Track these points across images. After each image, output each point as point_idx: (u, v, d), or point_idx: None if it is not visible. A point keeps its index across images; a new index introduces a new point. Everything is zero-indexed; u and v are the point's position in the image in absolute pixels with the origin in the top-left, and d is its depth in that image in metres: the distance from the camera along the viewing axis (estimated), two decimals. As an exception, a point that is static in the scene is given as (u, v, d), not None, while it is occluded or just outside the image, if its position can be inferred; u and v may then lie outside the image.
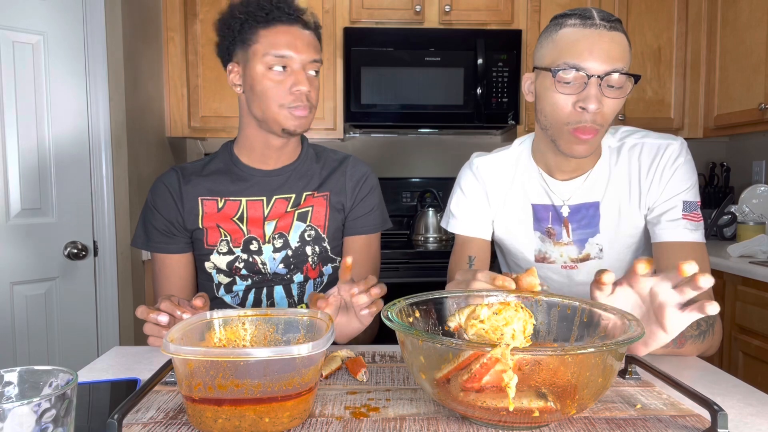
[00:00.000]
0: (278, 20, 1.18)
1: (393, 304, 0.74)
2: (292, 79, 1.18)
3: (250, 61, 1.18)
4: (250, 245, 1.24)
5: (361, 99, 2.55)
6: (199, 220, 1.24)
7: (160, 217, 1.25)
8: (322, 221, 1.27)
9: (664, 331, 0.77)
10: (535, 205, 1.20)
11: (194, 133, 2.63)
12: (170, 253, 1.26)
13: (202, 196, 1.26)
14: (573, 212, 1.17)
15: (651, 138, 1.15)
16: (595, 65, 1.00)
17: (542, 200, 1.19)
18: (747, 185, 2.73)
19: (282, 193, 1.27)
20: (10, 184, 1.91)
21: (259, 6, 1.18)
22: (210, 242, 1.24)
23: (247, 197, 1.26)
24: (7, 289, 1.93)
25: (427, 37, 2.56)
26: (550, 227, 1.19)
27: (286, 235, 1.25)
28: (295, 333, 0.80)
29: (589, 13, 1.03)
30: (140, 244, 1.28)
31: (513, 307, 0.67)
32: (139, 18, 2.33)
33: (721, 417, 0.63)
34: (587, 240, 1.18)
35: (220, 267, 1.24)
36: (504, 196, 1.23)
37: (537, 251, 1.21)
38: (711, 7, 2.65)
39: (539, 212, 1.20)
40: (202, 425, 0.65)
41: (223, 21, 1.23)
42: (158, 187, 1.28)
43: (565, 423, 0.69)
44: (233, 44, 1.21)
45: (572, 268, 1.20)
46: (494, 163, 1.25)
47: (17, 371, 0.53)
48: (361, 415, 0.70)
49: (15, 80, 1.90)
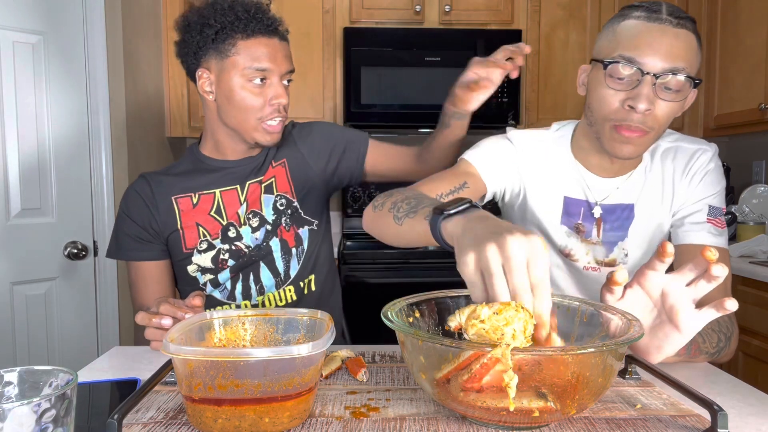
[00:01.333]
0: (258, 32, 1.17)
1: (393, 304, 0.74)
2: (272, 92, 1.18)
3: (227, 72, 1.17)
4: (228, 233, 1.24)
5: (361, 99, 2.55)
6: (177, 220, 1.23)
7: (132, 224, 1.24)
8: (287, 187, 1.28)
9: (678, 332, 0.74)
10: (567, 197, 1.13)
11: (194, 133, 2.63)
12: (143, 260, 1.24)
13: (176, 195, 1.24)
14: (607, 212, 1.12)
15: (685, 142, 1.11)
16: (651, 61, 0.93)
17: (576, 194, 1.13)
18: (747, 185, 2.73)
19: (254, 177, 1.27)
20: (10, 184, 1.91)
21: (236, 16, 1.16)
22: (189, 245, 1.23)
23: (220, 188, 1.25)
24: (7, 289, 1.93)
25: (427, 37, 2.56)
26: (580, 224, 1.13)
27: (260, 211, 1.25)
28: (295, 333, 0.80)
29: (657, 6, 0.96)
30: (112, 253, 1.27)
31: (513, 307, 0.67)
32: (139, 18, 2.33)
33: (721, 417, 0.63)
34: (616, 243, 1.13)
35: (204, 266, 1.24)
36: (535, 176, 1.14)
37: (563, 246, 1.15)
38: (711, 7, 2.65)
39: (571, 206, 1.13)
40: (202, 425, 0.65)
41: (190, 24, 1.19)
42: (129, 194, 1.26)
43: (565, 423, 0.69)
44: (203, 50, 1.18)
45: (595, 270, 1.14)
46: (531, 137, 1.16)
47: (17, 371, 0.53)
48: (361, 415, 0.70)
49: (15, 80, 1.90)
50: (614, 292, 0.77)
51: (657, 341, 0.78)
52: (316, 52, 2.61)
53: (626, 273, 0.75)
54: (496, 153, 1.14)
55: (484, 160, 1.13)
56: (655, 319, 0.77)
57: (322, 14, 2.58)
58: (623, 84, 0.96)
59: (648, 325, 0.79)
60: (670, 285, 0.75)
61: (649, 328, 0.79)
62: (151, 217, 1.23)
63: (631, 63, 0.94)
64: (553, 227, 1.15)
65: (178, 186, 1.25)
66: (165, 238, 1.24)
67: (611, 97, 0.97)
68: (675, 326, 0.74)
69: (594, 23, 2.65)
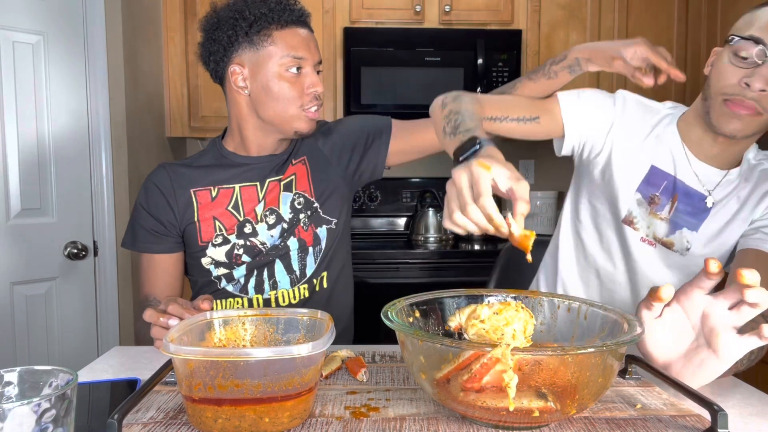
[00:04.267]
0: (291, 22, 1.18)
1: (393, 304, 0.74)
2: (308, 80, 1.19)
3: (263, 63, 1.17)
4: (243, 229, 1.24)
5: (361, 99, 2.55)
6: (194, 213, 1.23)
7: (149, 217, 1.24)
8: (306, 186, 1.28)
9: (716, 358, 0.70)
10: (655, 167, 1.12)
11: (194, 133, 2.63)
12: (157, 253, 1.25)
13: (195, 188, 1.25)
14: (685, 194, 1.10)
15: None
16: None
17: (665, 167, 1.11)
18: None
19: (275, 175, 1.27)
20: (10, 184, 1.91)
21: (269, 8, 1.17)
22: (204, 238, 1.23)
23: (240, 183, 1.25)
24: (7, 289, 1.93)
25: (427, 37, 2.56)
26: (657, 195, 1.12)
27: (277, 209, 1.25)
28: (295, 333, 0.80)
29: None
30: (128, 245, 1.27)
31: (513, 307, 0.67)
32: (139, 18, 2.33)
33: (721, 417, 0.63)
34: (682, 228, 1.11)
35: (218, 260, 1.24)
36: (629, 139, 1.13)
37: (628, 213, 1.13)
38: (711, 7, 2.65)
39: (655, 176, 1.12)
40: (202, 425, 0.65)
41: (221, 19, 1.19)
42: (149, 186, 1.26)
43: (565, 423, 0.69)
44: (235, 45, 1.18)
45: (651, 244, 1.13)
46: (640, 103, 1.16)
47: (17, 371, 0.53)
48: (361, 415, 0.70)
49: (15, 80, 1.90)
50: (653, 308, 0.72)
51: (692, 367, 0.73)
52: (316, 52, 2.61)
53: (672, 290, 0.70)
54: (591, 105, 1.14)
55: (575, 107, 1.13)
56: (692, 342, 0.73)
57: (322, 14, 2.58)
58: (745, 63, 0.96)
59: (684, 349, 0.74)
60: (712, 306, 0.70)
61: (685, 353, 0.74)
62: (169, 209, 1.24)
63: (758, 43, 0.94)
64: (626, 192, 1.13)
65: (198, 179, 1.25)
66: (181, 231, 1.25)
67: (730, 72, 0.97)
68: (713, 351, 0.70)
69: (594, 23, 2.65)
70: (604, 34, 2.65)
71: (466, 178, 0.73)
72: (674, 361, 0.74)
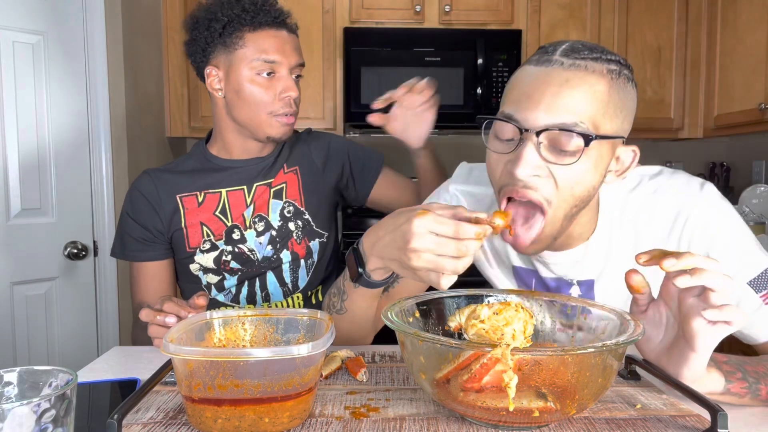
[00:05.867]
0: (265, 24, 1.16)
1: (393, 305, 0.74)
2: (281, 85, 1.16)
3: (236, 66, 1.16)
4: (232, 234, 1.23)
5: (361, 99, 2.55)
6: (181, 219, 1.22)
7: (136, 225, 1.23)
8: (297, 195, 1.27)
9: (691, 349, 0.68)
10: (517, 267, 0.99)
11: (194, 133, 2.63)
12: (147, 261, 1.24)
13: (181, 194, 1.23)
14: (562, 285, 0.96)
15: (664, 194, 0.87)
16: (531, 116, 0.76)
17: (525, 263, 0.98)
18: (747, 185, 2.73)
19: (262, 179, 1.26)
20: (10, 184, 1.91)
21: (243, 9, 1.15)
22: (192, 244, 1.23)
23: (226, 188, 1.24)
24: (7, 289, 1.93)
25: (426, 37, 2.56)
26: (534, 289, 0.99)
27: (266, 216, 1.24)
28: (295, 333, 0.80)
29: (553, 47, 0.80)
30: (117, 254, 1.27)
31: (513, 307, 0.67)
32: (139, 18, 2.33)
33: (721, 417, 0.63)
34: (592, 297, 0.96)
35: (207, 266, 1.23)
36: None
37: None
38: (711, 7, 2.65)
39: (524, 276, 1.00)
40: (201, 425, 0.65)
41: (198, 20, 1.19)
42: (134, 195, 1.24)
43: (565, 423, 0.69)
44: (211, 46, 1.18)
45: None
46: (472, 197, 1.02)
47: (17, 371, 0.53)
48: (360, 415, 0.70)
49: (15, 80, 1.90)
50: (637, 302, 0.71)
51: (673, 363, 0.71)
52: (316, 52, 2.61)
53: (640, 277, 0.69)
54: None
55: None
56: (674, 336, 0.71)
57: (322, 14, 2.58)
58: (505, 145, 0.79)
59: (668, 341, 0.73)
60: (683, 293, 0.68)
61: (669, 345, 0.73)
62: (156, 216, 1.22)
63: (508, 119, 0.78)
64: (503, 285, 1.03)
65: (184, 184, 1.24)
66: (168, 237, 1.24)
67: (494, 162, 0.81)
68: (686, 341, 0.68)
69: (594, 23, 2.65)
70: (604, 34, 2.65)
71: (432, 237, 0.70)
72: (663, 355, 0.74)
